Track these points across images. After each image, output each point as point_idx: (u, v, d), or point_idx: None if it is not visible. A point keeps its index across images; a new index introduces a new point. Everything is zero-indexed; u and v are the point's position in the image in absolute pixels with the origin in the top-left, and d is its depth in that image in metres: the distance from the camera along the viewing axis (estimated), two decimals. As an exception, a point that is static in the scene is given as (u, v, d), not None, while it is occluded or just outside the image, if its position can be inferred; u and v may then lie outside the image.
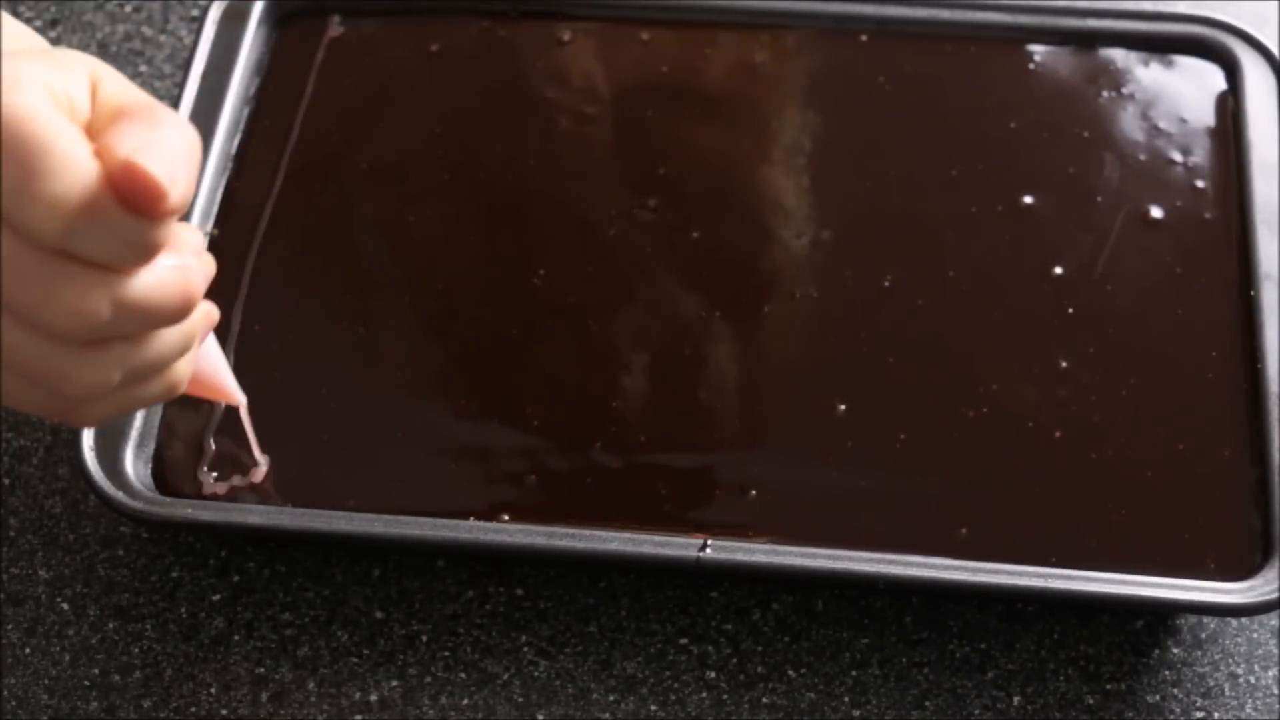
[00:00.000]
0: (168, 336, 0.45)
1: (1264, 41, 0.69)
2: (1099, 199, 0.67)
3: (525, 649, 0.59)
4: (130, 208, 0.40)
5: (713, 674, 0.59)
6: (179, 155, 0.41)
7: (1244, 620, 0.59)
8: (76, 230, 0.40)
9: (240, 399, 0.56)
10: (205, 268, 0.45)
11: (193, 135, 0.42)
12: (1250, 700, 0.58)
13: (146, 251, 0.42)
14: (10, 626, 0.60)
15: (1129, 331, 0.63)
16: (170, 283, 0.43)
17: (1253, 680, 0.58)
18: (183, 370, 0.47)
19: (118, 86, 0.43)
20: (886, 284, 0.64)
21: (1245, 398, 0.61)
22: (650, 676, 0.59)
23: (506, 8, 0.72)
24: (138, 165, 0.40)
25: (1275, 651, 0.59)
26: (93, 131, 0.41)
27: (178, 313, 0.44)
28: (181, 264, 0.43)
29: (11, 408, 0.47)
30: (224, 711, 0.58)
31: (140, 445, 0.60)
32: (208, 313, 0.48)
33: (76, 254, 0.40)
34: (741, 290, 0.65)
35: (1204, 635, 0.59)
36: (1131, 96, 0.69)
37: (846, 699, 0.58)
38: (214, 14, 0.70)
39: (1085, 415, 0.61)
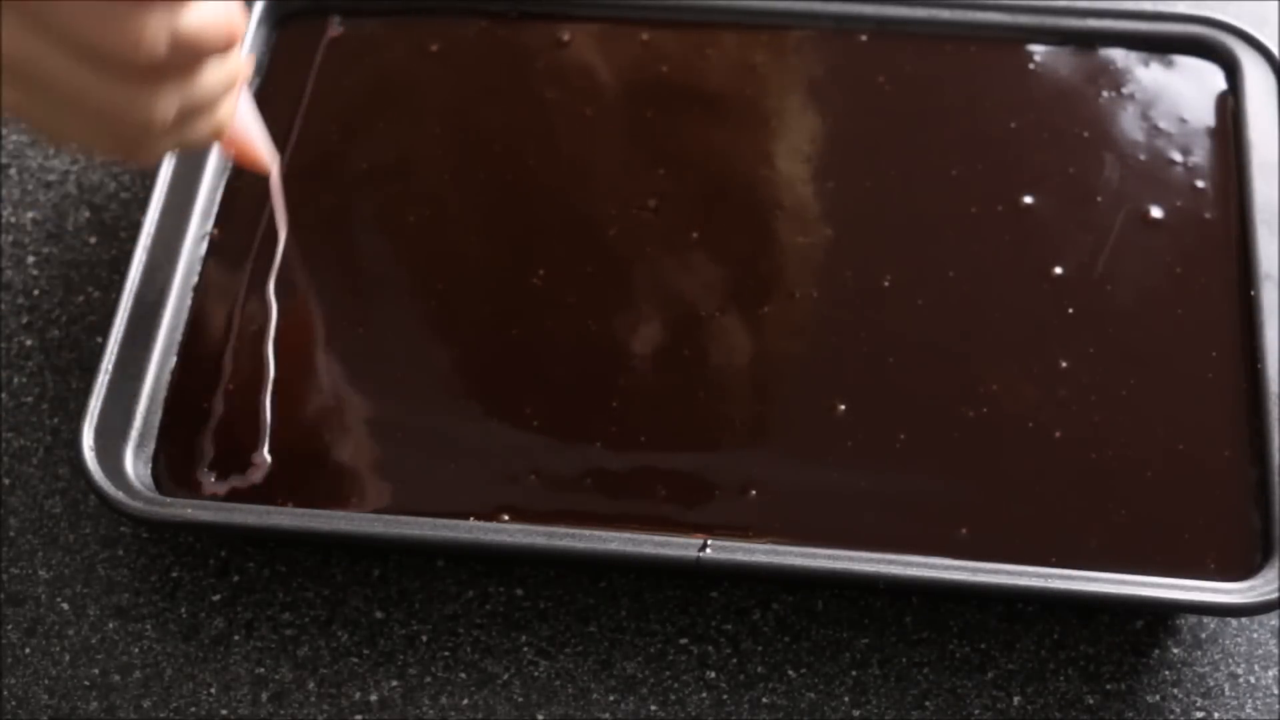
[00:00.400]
0: (214, 73, 0.50)
1: (1264, 41, 0.69)
2: (1099, 199, 0.67)
3: (525, 649, 0.59)
4: None
5: (713, 674, 0.59)
6: None
7: (1244, 620, 0.59)
8: None
9: (272, 162, 0.59)
10: (243, 12, 0.51)
11: None
12: (1250, 700, 0.58)
13: None
14: (10, 626, 0.60)
15: (1129, 331, 0.63)
16: (217, 16, 0.48)
17: (1253, 680, 0.58)
18: (227, 111, 0.53)
19: None
20: (886, 284, 0.64)
21: (1245, 398, 0.61)
22: (650, 676, 0.59)
23: (506, 8, 0.72)
24: None
25: (1275, 651, 0.59)
26: None
27: (225, 44, 0.49)
28: (225, 2, 0.49)
29: (79, 150, 0.57)
30: (224, 711, 0.58)
31: (140, 445, 0.60)
32: (246, 61, 0.53)
33: None
34: (741, 290, 0.65)
35: (1204, 635, 0.59)
36: (1131, 96, 0.69)
37: (846, 699, 0.58)
38: (214, 14, 0.70)
39: (1085, 415, 0.61)
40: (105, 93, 0.47)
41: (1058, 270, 0.65)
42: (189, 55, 0.48)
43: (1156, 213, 0.66)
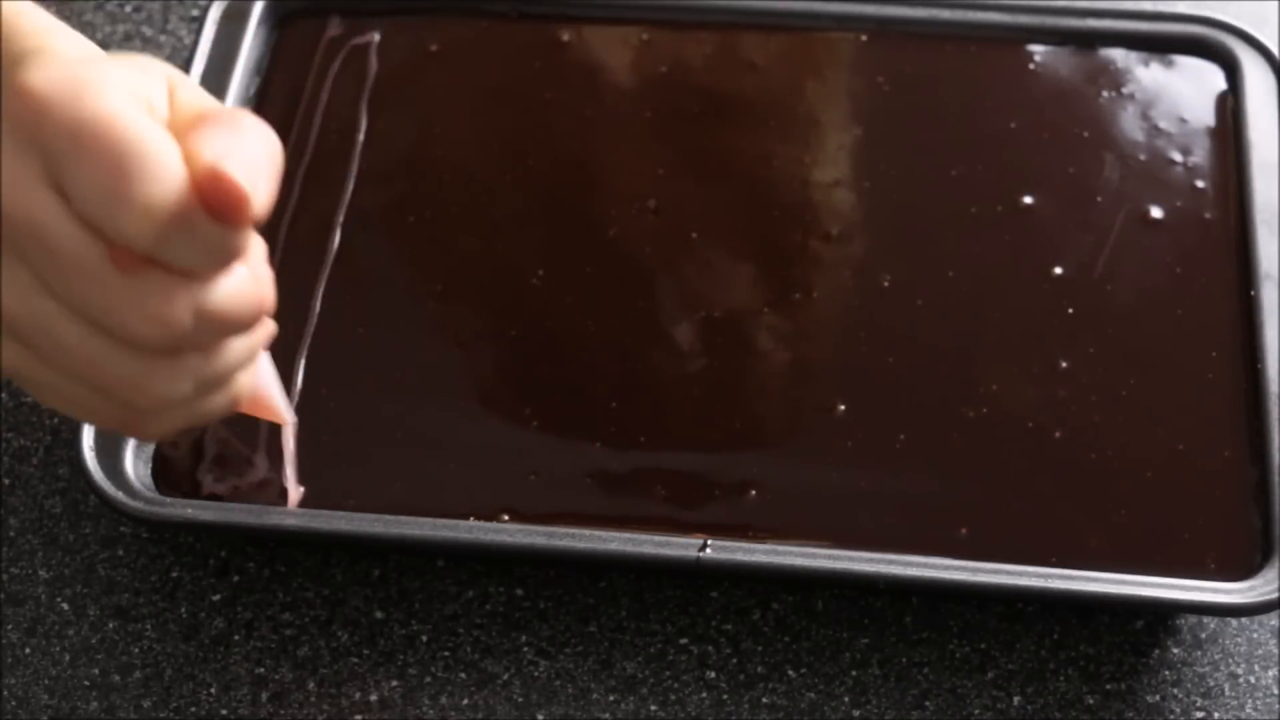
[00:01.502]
0: (236, 347, 0.44)
1: (1264, 41, 0.69)
2: (1099, 199, 0.67)
3: (525, 649, 0.59)
4: (214, 214, 0.39)
5: (713, 674, 0.59)
6: (261, 160, 0.40)
7: (1244, 620, 0.59)
8: (168, 236, 0.39)
9: (289, 419, 0.55)
10: (271, 277, 0.44)
11: (273, 140, 0.41)
12: (1250, 700, 0.58)
13: (229, 258, 0.41)
14: (10, 626, 0.60)
15: (1129, 331, 0.63)
16: (247, 291, 0.42)
17: (1253, 680, 0.58)
18: (245, 382, 0.47)
19: (192, 93, 0.42)
20: (886, 284, 0.64)
21: (1245, 398, 0.61)
22: (650, 676, 0.59)
23: (506, 8, 0.72)
24: (222, 171, 0.39)
25: (1275, 651, 0.59)
26: (172, 136, 0.40)
27: (251, 321, 0.43)
28: (255, 273, 0.43)
29: (71, 417, 0.47)
30: (224, 711, 0.58)
31: (140, 445, 0.60)
32: (267, 325, 0.46)
33: (163, 261, 0.40)
34: (741, 290, 0.65)
35: (1204, 635, 0.59)
36: (1131, 96, 0.70)
37: (846, 699, 0.58)
38: (214, 14, 0.70)
39: (1085, 415, 0.61)
40: (118, 366, 0.41)
41: (1058, 270, 0.65)
42: (214, 333, 0.43)
43: (1156, 213, 0.66)
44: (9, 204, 0.39)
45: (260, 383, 0.50)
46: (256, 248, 0.43)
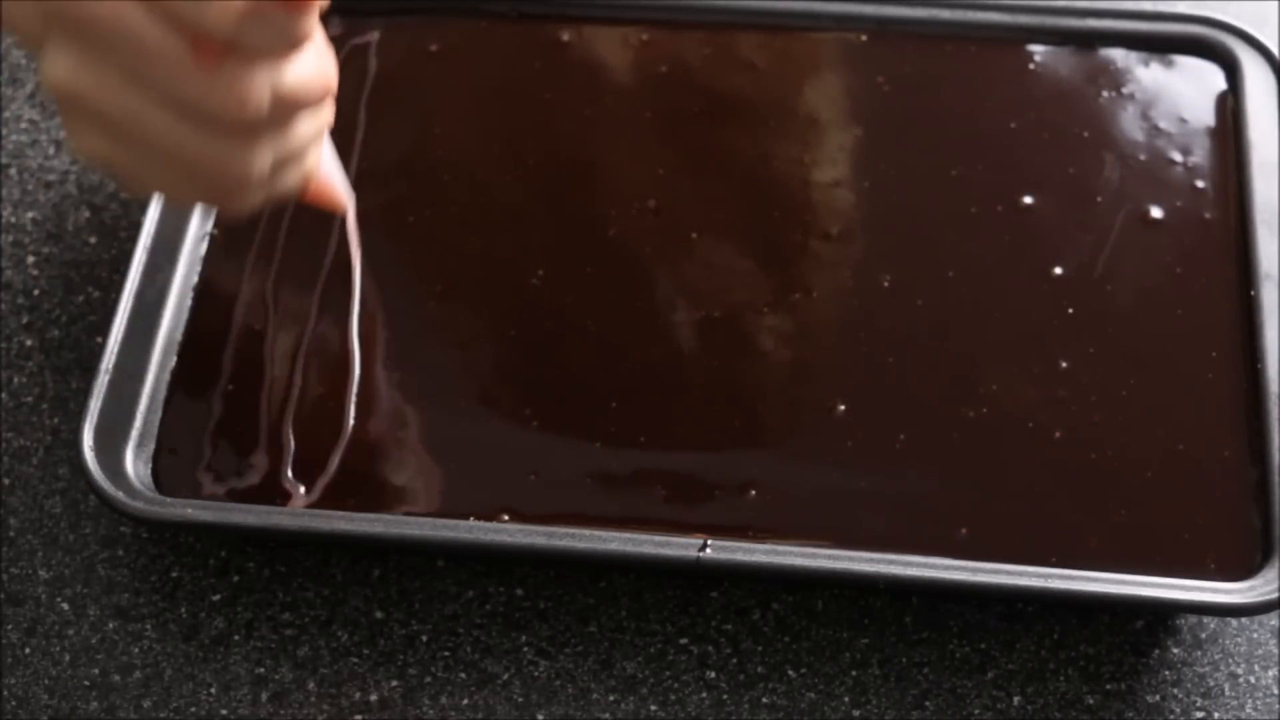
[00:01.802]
0: (307, 124, 0.50)
1: (1264, 41, 0.69)
2: (1099, 199, 0.67)
3: (525, 649, 0.59)
4: (284, 2, 0.45)
5: (713, 674, 0.59)
6: None
7: (1244, 620, 0.59)
8: (244, 26, 0.44)
9: (349, 201, 0.59)
10: (333, 58, 0.50)
11: None
12: (1250, 700, 0.58)
13: (298, 41, 0.46)
14: (10, 626, 0.60)
15: (1129, 331, 0.63)
16: (314, 71, 0.48)
17: (1253, 680, 0.58)
18: (314, 159, 0.53)
19: None
20: (886, 284, 0.64)
21: (1245, 398, 0.61)
22: (650, 676, 0.59)
23: (506, 8, 0.72)
24: None
25: (1275, 651, 0.59)
26: None
27: (320, 97, 0.50)
28: (319, 55, 0.49)
29: (171, 201, 0.57)
30: (224, 711, 0.58)
31: (140, 445, 0.60)
32: (331, 107, 0.52)
33: (241, 48, 0.45)
34: (741, 290, 0.65)
35: (1204, 635, 0.59)
36: (1131, 96, 0.70)
37: (846, 699, 0.58)
38: (214, 14, 0.70)
39: (1085, 415, 0.61)
40: (203, 147, 0.47)
41: (1058, 270, 0.65)
42: (288, 110, 0.48)
43: (1156, 213, 0.66)
44: (102, 11, 0.44)
45: (325, 165, 0.56)
46: (319, 34, 0.48)
